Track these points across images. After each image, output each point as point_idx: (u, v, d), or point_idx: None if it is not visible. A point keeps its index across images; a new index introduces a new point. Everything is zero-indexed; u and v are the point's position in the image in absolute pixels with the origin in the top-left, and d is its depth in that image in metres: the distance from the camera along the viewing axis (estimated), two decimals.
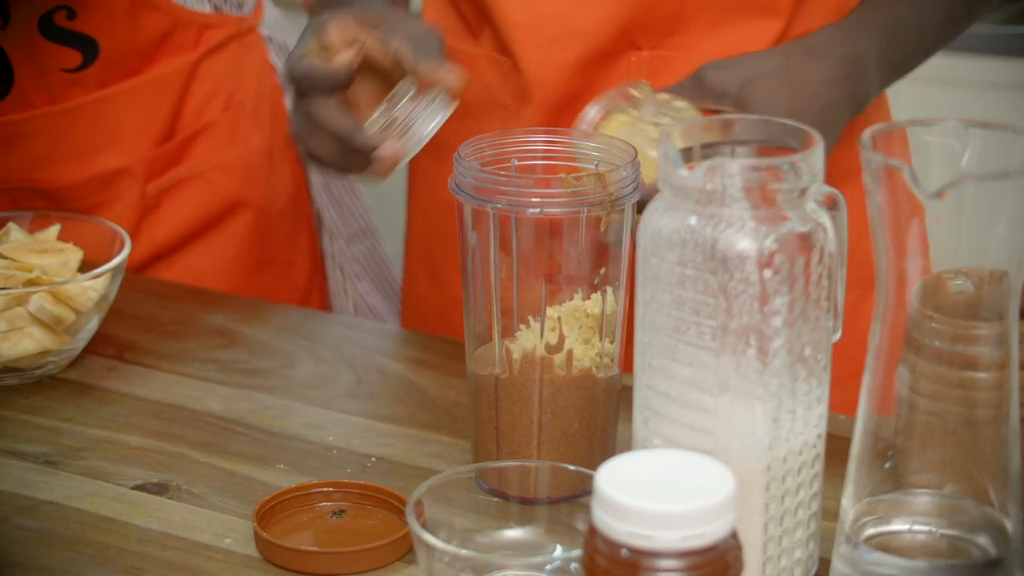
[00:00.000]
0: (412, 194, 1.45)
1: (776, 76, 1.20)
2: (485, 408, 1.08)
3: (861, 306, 1.26)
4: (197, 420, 1.20)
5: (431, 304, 1.44)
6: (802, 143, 0.91)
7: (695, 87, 1.21)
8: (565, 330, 1.06)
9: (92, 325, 1.26)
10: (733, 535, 0.79)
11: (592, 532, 0.79)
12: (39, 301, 1.21)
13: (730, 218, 0.88)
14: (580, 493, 1.01)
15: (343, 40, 1.16)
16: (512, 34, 1.29)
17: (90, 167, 1.47)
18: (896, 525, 0.92)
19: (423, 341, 1.33)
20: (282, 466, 1.13)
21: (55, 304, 1.22)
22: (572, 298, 1.07)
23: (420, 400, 1.22)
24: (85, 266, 1.28)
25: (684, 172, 0.88)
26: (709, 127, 0.94)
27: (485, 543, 1.00)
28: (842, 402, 1.13)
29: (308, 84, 1.15)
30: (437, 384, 1.25)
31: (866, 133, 0.89)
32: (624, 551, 0.77)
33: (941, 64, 2.32)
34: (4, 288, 1.22)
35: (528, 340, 1.06)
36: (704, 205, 0.88)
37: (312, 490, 1.08)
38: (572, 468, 1.01)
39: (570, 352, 1.06)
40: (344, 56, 1.15)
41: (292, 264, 1.58)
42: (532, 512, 1.01)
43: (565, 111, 1.28)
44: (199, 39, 1.50)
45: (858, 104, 1.24)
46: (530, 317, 1.06)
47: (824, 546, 0.97)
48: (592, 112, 1.19)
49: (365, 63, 1.16)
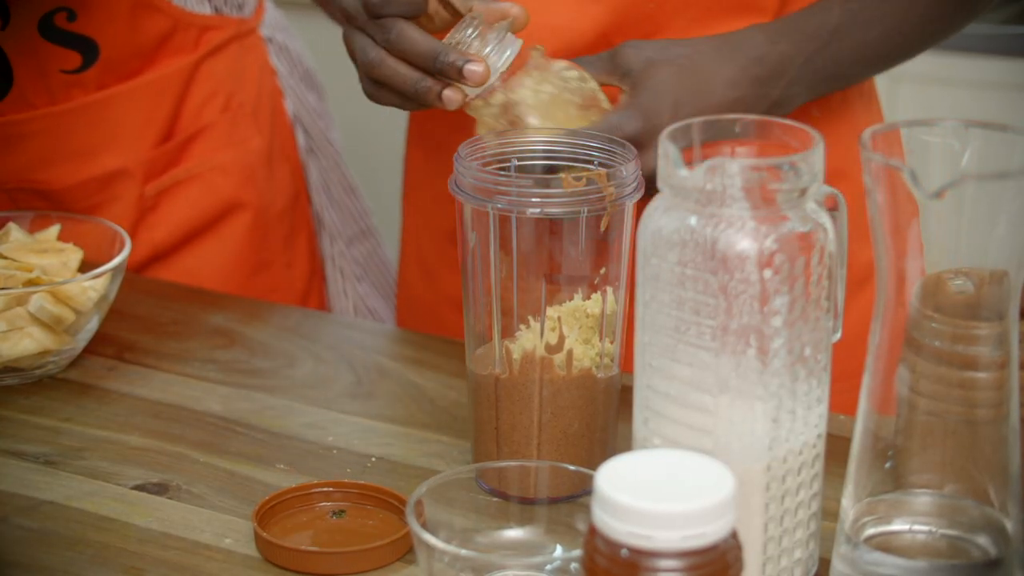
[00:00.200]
0: (406, 191, 1.45)
1: (679, 65, 1.17)
2: (485, 408, 1.08)
3: (850, 306, 1.25)
4: (197, 420, 1.20)
5: (424, 301, 1.44)
6: (802, 143, 0.91)
7: (607, 61, 1.19)
8: (565, 330, 1.06)
9: (92, 325, 1.26)
10: (733, 535, 0.79)
11: (592, 532, 0.79)
12: (39, 301, 1.21)
13: (730, 218, 0.88)
14: (580, 493, 1.01)
15: None
16: None
17: (89, 168, 1.47)
18: (896, 525, 0.92)
19: (423, 341, 1.33)
20: (282, 466, 1.13)
21: (55, 304, 1.22)
22: (572, 298, 1.06)
23: (420, 400, 1.22)
24: (85, 266, 1.28)
25: (684, 172, 0.88)
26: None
27: (485, 543, 1.00)
28: (842, 402, 1.13)
29: (387, 8, 1.13)
30: (437, 384, 1.24)
31: (866, 133, 0.89)
32: (624, 551, 0.77)
33: (941, 64, 2.34)
34: (4, 288, 1.22)
35: (528, 340, 1.06)
36: (704, 205, 0.88)
37: (312, 490, 1.08)
38: (572, 468, 1.01)
39: (570, 352, 1.06)
40: None
41: (291, 266, 1.58)
42: (532, 512, 1.01)
43: None
44: (199, 40, 1.50)
45: (775, 108, 1.21)
46: (530, 317, 1.06)
47: (824, 546, 0.97)
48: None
49: None
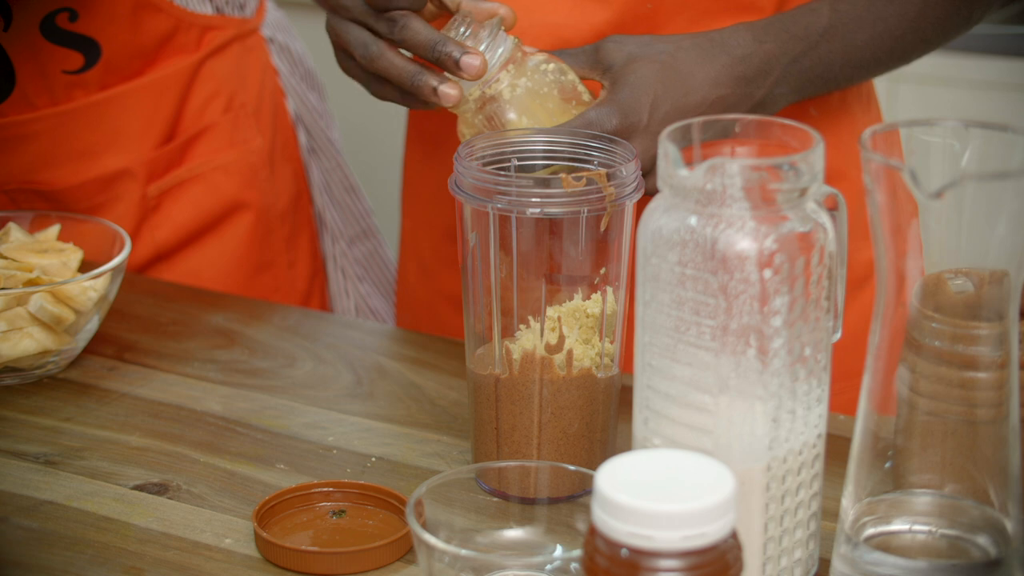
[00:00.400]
0: (405, 190, 1.45)
1: (660, 62, 1.16)
2: (485, 408, 1.08)
3: (850, 306, 1.25)
4: (197, 420, 1.20)
5: (422, 299, 1.44)
6: (802, 143, 0.91)
7: (590, 55, 1.18)
8: (565, 330, 1.06)
9: (92, 325, 1.26)
10: (733, 535, 0.79)
11: (592, 532, 0.79)
12: (39, 301, 1.21)
13: (730, 218, 0.88)
14: (580, 493, 1.01)
15: None
16: None
17: (91, 168, 1.47)
18: (896, 525, 0.92)
19: (423, 341, 1.33)
20: (282, 466, 1.13)
21: (55, 304, 1.22)
22: (572, 298, 1.06)
23: (420, 400, 1.22)
24: (85, 266, 1.28)
25: (684, 172, 0.88)
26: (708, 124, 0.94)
27: (485, 543, 1.00)
28: (842, 402, 1.13)
29: (395, 2, 1.13)
30: (437, 384, 1.24)
31: (866, 133, 0.89)
32: (624, 551, 0.77)
33: (941, 64, 2.34)
34: (4, 288, 1.22)
35: (528, 340, 1.06)
36: (704, 205, 0.88)
37: (312, 490, 1.08)
38: (572, 468, 1.01)
39: (570, 352, 1.06)
40: None
41: (293, 266, 1.58)
42: (532, 512, 1.01)
43: None
44: (201, 41, 1.50)
45: (758, 108, 1.20)
46: (530, 317, 1.06)
47: (824, 546, 0.97)
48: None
49: None
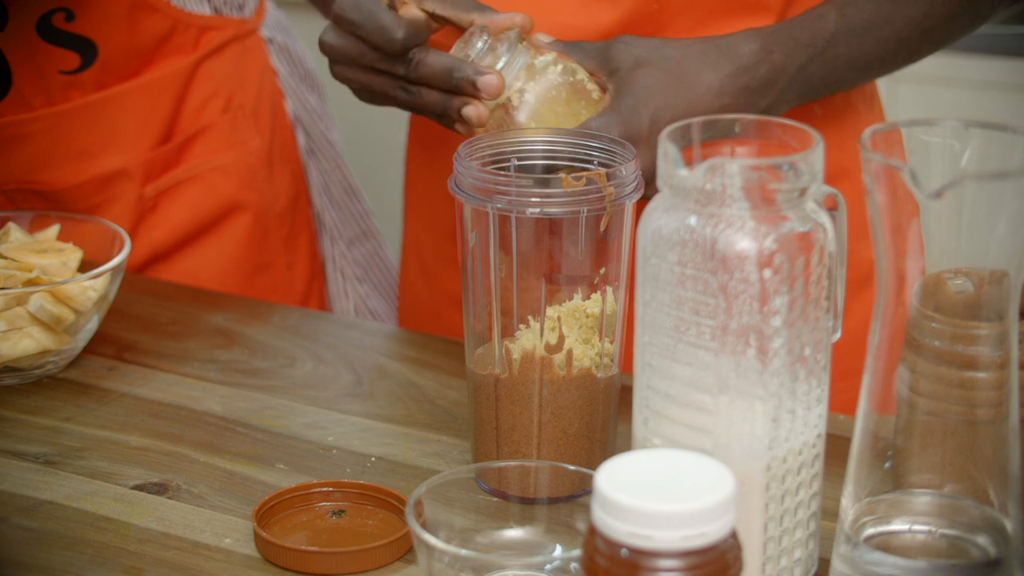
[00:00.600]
0: (407, 190, 1.45)
1: (666, 71, 1.16)
2: (485, 408, 1.08)
3: (853, 306, 1.25)
4: (197, 420, 1.20)
5: (424, 300, 1.44)
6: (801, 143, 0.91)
7: (601, 53, 1.18)
8: (565, 330, 1.06)
9: (92, 325, 1.26)
10: (733, 535, 0.79)
11: (592, 532, 0.79)
12: (39, 301, 1.21)
13: (730, 218, 0.88)
14: (580, 493, 1.01)
15: None
16: None
17: (88, 169, 1.47)
18: (896, 525, 0.92)
19: (423, 341, 1.33)
20: (282, 466, 1.13)
21: (55, 304, 1.22)
22: (572, 298, 1.06)
23: (420, 400, 1.22)
24: (85, 266, 1.28)
25: (684, 172, 0.88)
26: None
27: (485, 543, 1.00)
28: (842, 402, 1.13)
29: (411, 41, 1.14)
30: (437, 384, 1.24)
31: (866, 133, 0.89)
32: (624, 551, 0.77)
33: (941, 64, 2.34)
34: (4, 288, 1.22)
35: (528, 340, 1.06)
36: (704, 205, 0.88)
37: (312, 490, 1.08)
38: (572, 468, 1.01)
39: (570, 352, 1.06)
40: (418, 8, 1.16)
41: (291, 267, 1.58)
42: (532, 512, 1.01)
43: None
44: (198, 41, 1.50)
45: (762, 115, 1.18)
46: (530, 317, 1.06)
47: (824, 546, 0.97)
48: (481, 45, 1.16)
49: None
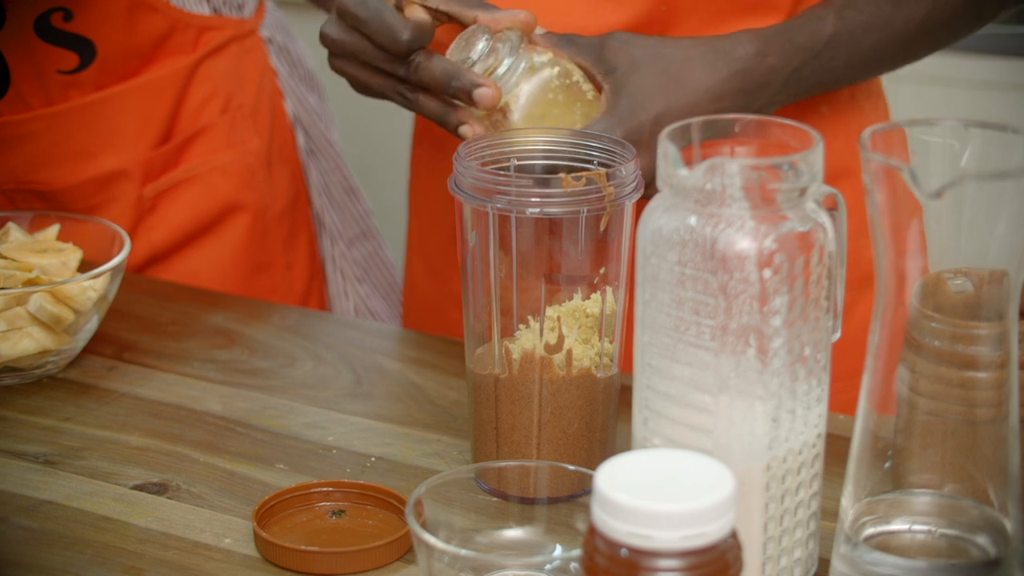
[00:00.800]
0: (412, 190, 1.45)
1: (666, 72, 1.16)
2: (485, 408, 1.08)
3: (855, 306, 1.25)
4: (197, 420, 1.20)
5: (430, 301, 1.44)
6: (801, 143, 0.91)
7: (596, 51, 1.17)
8: (565, 330, 1.06)
9: (92, 325, 1.26)
10: (733, 535, 0.79)
11: (592, 532, 0.79)
12: (39, 301, 1.21)
13: (730, 218, 0.88)
14: (580, 493, 1.01)
15: None
16: None
17: (87, 169, 1.47)
18: (896, 525, 0.92)
19: (423, 341, 1.33)
20: (282, 466, 1.13)
21: (55, 304, 1.22)
22: (572, 298, 1.06)
23: (420, 400, 1.22)
24: (85, 266, 1.28)
25: (684, 172, 0.88)
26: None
27: (485, 543, 1.00)
28: (842, 402, 1.13)
29: (416, 43, 1.14)
30: (437, 384, 1.24)
31: (865, 133, 0.89)
32: (624, 551, 0.77)
33: (941, 64, 2.34)
34: (4, 288, 1.22)
35: (528, 340, 1.06)
36: (704, 205, 0.88)
37: (312, 490, 1.08)
38: (572, 468, 1.01)
39: (570, 352, 1.06)
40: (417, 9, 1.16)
41: (291, 267, 1.58)
42: (532, 512, 1.01)
43: None
44: (198, 41, 1.50)
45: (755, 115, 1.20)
46: (530, 317, 1.06)
47: (824, 546, 0.97)
48: (481, 45, 1.15)
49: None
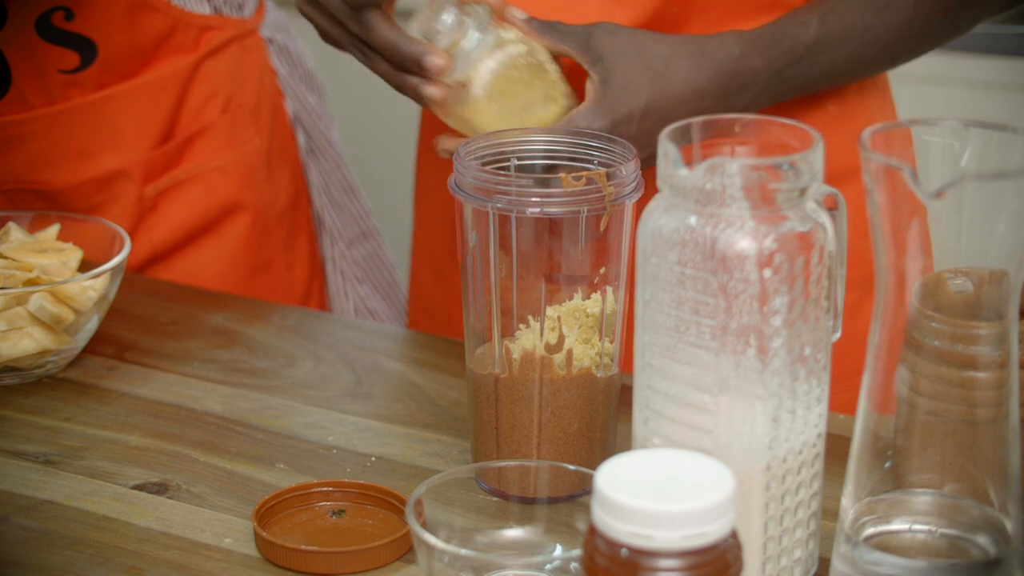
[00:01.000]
0: (417, 191, 1.45)
1: (651, 67, 1.16)
2: (485, 408, 1.08)
3: (861, 306, 1.25)
4: (197, 420, 1.20)
5: (436, 301, 1.44)
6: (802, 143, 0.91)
7: (582, 40, 1.17)
8: (565, 330, 1.06)
9: (92, 325, 1.26)
10: (733, 535, 0.79)
11: (592, 532, 0.79)
12: (39, 301, 1.21)
13: (730, 218, 0.88)
14: (580, 493, 1.01)
15: None
16: None
17: (88, 168, 1.47)
18: (896, 525, 0.92)
19: (423, 341, 1.33)
20: (282, 466, 1.13)
21: (55, 304, 1.22)
22: (572, 298, 1.06)
23: (420, 400, 1.22)
24: (85, 266, 1.28)
25: (684, 172, 0.88)
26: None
27: (485, 543, 1.00)
28: (842, 402, 1.13)
29: (360, 2, 1.14)
30: (437, 384, 1.24)
31: (865, 133, 0.89)
32: (624, 551, 0.77)
33: (941, 64, 2.34)
34: (4, 288, 1.22)
35: (528, 340, 1.06)
36: (704, 204, 0.88)
37: (312, 490, 1.08)
38: (572, 468, 1.01)
39: (570, 352, 1.06)
40: None
41: (291, 267, 1.58)
42: (532, 512, 1.01)
43: None
44: (198, 41, 1.50)
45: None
46: (530, 317, 1.06)
47: (824, 546, 0.97)
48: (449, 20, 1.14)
49: None
